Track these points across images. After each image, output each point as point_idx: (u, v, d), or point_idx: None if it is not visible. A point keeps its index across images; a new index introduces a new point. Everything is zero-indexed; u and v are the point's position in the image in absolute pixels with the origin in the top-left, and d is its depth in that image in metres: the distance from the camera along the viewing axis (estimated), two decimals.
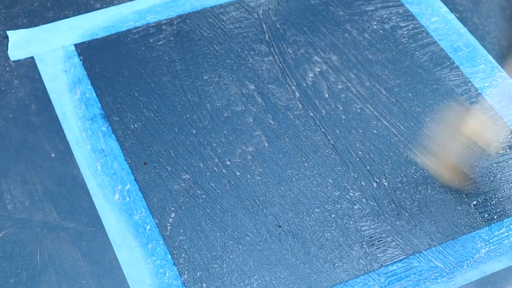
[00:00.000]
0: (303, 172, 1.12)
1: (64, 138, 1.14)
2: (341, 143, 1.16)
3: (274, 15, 1.32)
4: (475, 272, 1.03)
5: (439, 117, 1.19)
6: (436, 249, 1.05)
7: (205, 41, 1.28)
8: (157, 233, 1.05)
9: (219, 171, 1.11)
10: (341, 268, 1.03)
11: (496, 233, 1.07)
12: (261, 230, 1.06)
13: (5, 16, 1.30)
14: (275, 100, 1.21)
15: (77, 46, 1.26)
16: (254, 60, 1.26)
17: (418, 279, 1.02)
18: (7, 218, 1.05)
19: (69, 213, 1.06)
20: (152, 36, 1.28)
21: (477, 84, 1.24)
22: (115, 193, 1.08)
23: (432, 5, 1.35)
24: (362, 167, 1.13)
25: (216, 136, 1.15)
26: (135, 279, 1.00)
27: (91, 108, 1.18)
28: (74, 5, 1.32)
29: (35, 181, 1.09)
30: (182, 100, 1.20)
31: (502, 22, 1.34)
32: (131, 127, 1.16)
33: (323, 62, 1.26)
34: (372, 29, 1.31)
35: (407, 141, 1.16)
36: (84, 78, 1.22)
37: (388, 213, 1.08)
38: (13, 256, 1.02)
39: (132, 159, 1.12)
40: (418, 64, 1.26)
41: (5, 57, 1.24)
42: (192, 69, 1.24)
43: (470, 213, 1.09)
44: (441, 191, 1.11)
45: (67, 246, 1.03)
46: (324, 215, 1.08)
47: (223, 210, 1.07)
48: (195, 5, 1.33)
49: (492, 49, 1.29)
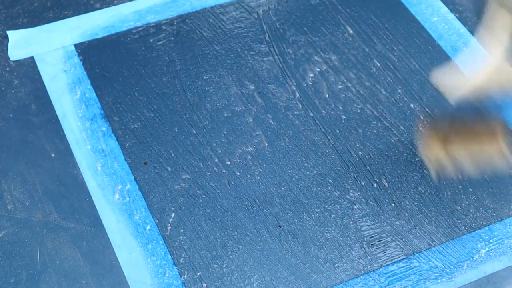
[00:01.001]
0: (303, 172, 1.12)
1: (64, 138, 1.14)
2: (341, 143, 1.16)
3: (274, 15, 1.32)
4: (475, 272, 1.03)
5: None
6: (436, 249, 1.05)
7: (205, 41, 1.28)
8: (157, 233, 1.05)
9: (219, 171, 1.11)
10: (341, 268, 1.03)
11: (496, 233, 1.07)
12: (261, 230, 1.06)
13: (5, 16, 1.30)
14: (275, 100, 1.21)
15: (77, 46, 1.26)
16: (254, 60, 1.26)
17: (418, 279, 1.02)
18: (7, 218, 1.05)
19: (69, 213, 1.06)
20: (152, 36, 1.28)
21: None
22: (115, 193, 1.08)
23: (432, 5, 1.35)
24: (362, 167, 1.13)
25: (216, 136, 1.15)
26: (135, 279, 1.00)
27: (91, 108, 1.18)
28: (74, 5, 1.32)
29: (35, 181, 1.09)
30: (182, 100, 1.20)
31: None
32: (131, 127, 1.16)
33: (323, 62, 1.26)
34: (372, 29, 1.31)
35: (407, 141, 1.16)
36: (84, 78, 1.22)
37: (388, 213, 1.08)
38: (13, 256, 1.02)
39: (132, 159, 1.12)
40: (418, 64, 1.26)
41: (5, 57, 1.24)
42: (192, 69, 1.24)
43: (469, 213, 1.09)
44: (441, 191, 1.11)
45: (67, 246, 1.03)
46: (324, 215, 1.08)
47: (223, 210, 1.07)
48: (195, 5, 1.33)
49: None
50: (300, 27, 1.31)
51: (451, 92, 1.05)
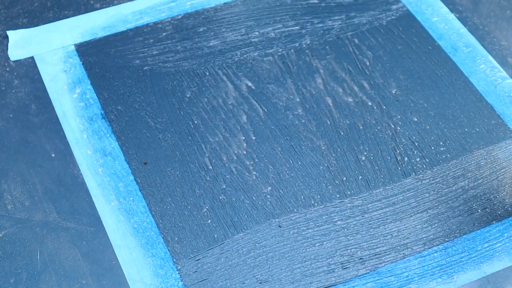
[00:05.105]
0: (303, 173, 1.12)
1: (64, 138, 1.14)
2: (341, 144, 1.16)
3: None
4: (475, 272, 1.03)
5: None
6: (437, 249, 1.05)
7: (205, 40, 1.28)
8: (157, 233, 1.05)
9: (216, 171, 1.11)
10: (341, 268, 1.03)
11: (496, 233, 1.07)
12: (262, 229, 1.06)
13: (5, 16, 1.30)
14: (275, 100, 1.21)
15: (77, 46, 1.26)
16: (254, 60, 1.26)
17: (418, 279, 1.02)
18: (7, 218, 1.05)
19: (69, 213, 1.06)
20: (152, 36, 1.28)
21: (476, 84, 1.24)
22: (115, 193, 1.08)
23: (432, 5, 1.35)
24: (363, 170, 1.13)
25: (213, 136, 1.15)
26: (135, 279, 1.00)
27: (91, 108, 1.18)
28: (74, 5, 1.32)
29: (35, 181, 1.09)
30: (181, 99, 1.20)
31: (502, 22, 1.34)
32: (131, 127, 1.16)
33: (323, 62, 1.26)
34: (371, 29, 1.31)
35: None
36: (84, 78, 1.22)
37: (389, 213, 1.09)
38: (13, 256, 1.02)
39: (132, 159, 1.12)
40: (418, 64, 1.26)
41: (5, 57, 1.24)
42: (192, 68, 1.24)
43: (469, 213, 1.09)
44: (440, 190, 1.11)
45: (67, 246, 1.03)
46: (323, 218, 1.08)
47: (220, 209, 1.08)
48: (195, 5, 1.33)
49: (492, 49, 1.29)
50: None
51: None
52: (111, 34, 1.28)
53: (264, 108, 1.19)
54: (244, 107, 1.19)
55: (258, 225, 1.06)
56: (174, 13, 1.32)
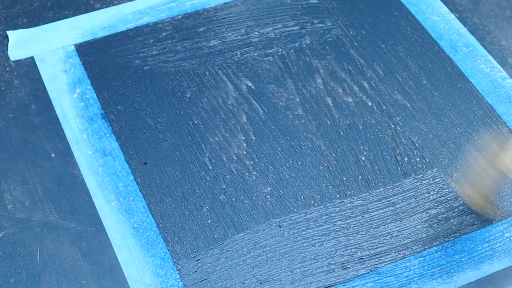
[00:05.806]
0: (302, 173, 1.12)
1: (64, 138, 1.14)
2: (341, 144, 1.15)
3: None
4: (475, 272, 1.03)
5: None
6: (436, 249, 1.05)
7: (205, 40, 1.28)
8: (157, 233, 1.05)
9: (216, 171, 1.11)
10: (341, 268, 1.03)
11: (496, 233, 1.07)
12: (262, 229, 1.06)
13: (5, 16, 1.30)
14: (275, 100, 1.21)
15: (77, 46, 1.26)
16: (254, 60, 1.26)
17: (418, 278, 1.02)
18: (7, 218, 1.05)
19: (69, 213, 1.06)
20: (152, 36, 1.28)
21: (476, 84, 1.24)
22: (115, 193, 1.08)
23: (432, 5, 1.35)
24: (363, 170, 1.13)
25: (213, 136, 1.15)
26: (135, 279, 1.00)
27: (91, 108, 1.18)
28: (74, 5, 1.32)
29: (35, 181, 1.09)
30: (181, 99, 1.19)
31: (502, 22, 1.34)
32: (131, 127, 1.16)
33: (323, 62, 1.26)
34: (371, 29, 1.31)
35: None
36: (84, 78, 1.22)
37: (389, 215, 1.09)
38: (13, 256, 1.02)
39: (132, 159, 1.12)
40: (417, 64, 1.26)
41: (5, 57, 1.24)
42: (192, 68, 1.24)
43: (470, 213, 1.09)
44: (441, 191, 1.11)
45: (67, 246, 1.03)
46: (323, 219, 1.08)
47: (220, 209, 1.08)
48: (195, 5, 1.33)
49: (492, 49, 1.29)
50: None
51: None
52: (111, 34, 1.28)
53: (264, 108, 1.19)
54: (244, 107, 1.19)
55: (258, 225, 1.06)
56: (174, 13, 1.32)
